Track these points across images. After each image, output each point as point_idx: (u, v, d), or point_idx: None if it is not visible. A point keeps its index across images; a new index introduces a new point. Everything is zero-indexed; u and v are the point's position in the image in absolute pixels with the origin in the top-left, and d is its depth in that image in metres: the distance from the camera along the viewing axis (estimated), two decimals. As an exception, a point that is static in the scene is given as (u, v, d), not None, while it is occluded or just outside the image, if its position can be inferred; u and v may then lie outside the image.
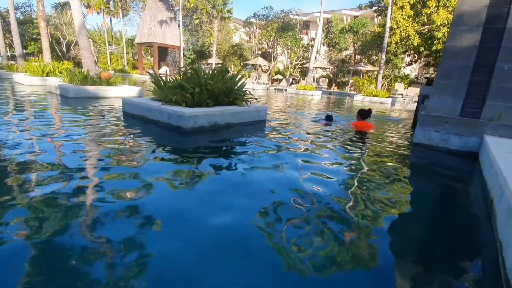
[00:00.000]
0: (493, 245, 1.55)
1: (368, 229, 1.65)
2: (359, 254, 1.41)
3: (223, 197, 1.94)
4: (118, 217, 1.58)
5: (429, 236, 1.69)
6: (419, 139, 3.87)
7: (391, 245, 1.51)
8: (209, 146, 3.37)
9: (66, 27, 32.88)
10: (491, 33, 3.51)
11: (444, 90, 3.82)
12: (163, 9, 24.86)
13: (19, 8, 31.54)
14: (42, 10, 14.10)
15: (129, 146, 3.05)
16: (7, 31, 24.09)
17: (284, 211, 1.78)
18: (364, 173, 2.69)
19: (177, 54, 25.72)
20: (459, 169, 3.29)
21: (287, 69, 28.76)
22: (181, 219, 1.62)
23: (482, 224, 1.88)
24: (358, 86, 21.25)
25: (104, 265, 1.20)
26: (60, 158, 2.48)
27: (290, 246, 1.42)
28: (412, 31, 17.39)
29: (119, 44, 36.51)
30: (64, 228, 1.43)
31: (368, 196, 2.12)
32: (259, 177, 2.36)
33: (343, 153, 3.41)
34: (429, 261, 1.41)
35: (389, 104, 13.25)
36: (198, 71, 4.50)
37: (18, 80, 10.52)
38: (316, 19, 28.26)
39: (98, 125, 4.04)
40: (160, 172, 2.29)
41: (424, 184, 2.71)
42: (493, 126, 3.41)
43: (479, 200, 2.30)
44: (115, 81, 8.70)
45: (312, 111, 8.22)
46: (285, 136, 4.15)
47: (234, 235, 1.48)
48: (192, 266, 1.22)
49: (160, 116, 4.12)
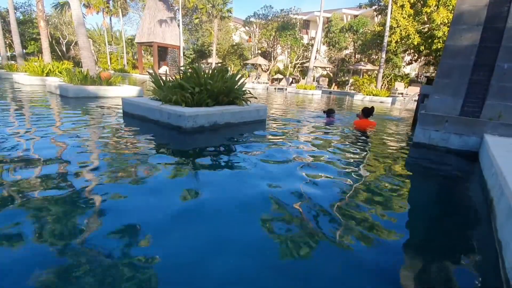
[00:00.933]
0: (493, 245, 1.55)
1: (367, 228, 1.65)
2: (358, 253, 1.41)
3: (223, 197, 1.94)
4: (118, 217, 1.58)
5: (428, 235, 1.69)
6: (419, 138, 3.87)
7: (390, 244, 1.51)
8: (209, 145, 3.37)
9: (66, 26, 32.85)
10: (491, 32, 3.50)
11: (444, 89, 3.82)
12: (163, 8, 24.84)
13: (19, 8, 31.54)
14: (41, 10, 14.09)
15: (129, 146, 3.05)
16: (7, 31, 24.07)
17: (285, 211, 1.78)
18: (364, 173, 2.68)
19: (177, 53, 25.70)
20: (459, 169, 3.29)
21: (287, 69, 28.73)
22: (182, 218, 1.62)
23: (482, 224, 1.88)
24: (358, 85, 21.24)
25: (103, 266, 1.20)
26: (59, 158, 2.48)
27: (291, 245, 1.42)
28: (412, 30, 17.37)
29: (119, 44, 36.49)
30: (64, 228, 1.44)
31: (367, 196, 2.12)
32: (259, 177, 2.35)
33: (343, 152, 3.40)
34: (428, 260, 1.41)
35: (389, 103, 13.24)
36: (198, 70, 4.50)
37: (18, 80, 10.52)
38: (316, 18, 28.21)
39: (98, 125, 4.04)
40: (160, 172, 2.30)
41: (424, 183, 2.71)
42: (493, 125, 3.40)
43: (478, 200, 2.30)
44: (115, 81, 8.70)
45: (312, 109, 8.21)
46: (284, 135, 4.15)
47: (233, 235, 1.49)
48: (193, 266, 1.22)
49: (160, 116, 4.12)
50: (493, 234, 1.65)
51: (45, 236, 1.35)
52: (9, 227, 1.41)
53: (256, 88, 19.00)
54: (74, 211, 1.60)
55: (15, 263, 1.18)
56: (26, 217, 1.51)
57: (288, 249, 1.39)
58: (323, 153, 3.27)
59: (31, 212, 1.56)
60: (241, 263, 1.27)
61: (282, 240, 1.47)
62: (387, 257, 1.40)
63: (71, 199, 1.73)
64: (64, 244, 1.31)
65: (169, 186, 2.06)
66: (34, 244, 1.30)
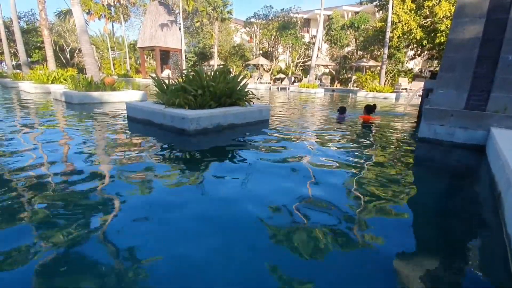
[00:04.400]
0: (501, 239, 1.54)
1: (372, 224, 1.65)
2: (364, 249, 1.40)
3: (229, 198, 1.95)
4: (126, 219, 1.60)
5: (435, 231, 1.68)
6: (424, 134, 3.83)
7: (397, 240, 1.51)
8: (213, 147, 3.38)
9: (69, 34, 33.25)
10: (494, 24, 3.46)
11: (448, 83, 3.78)
12: (164, 12, 25.00)
13: (22, 17, 31.97)
14: (45, 18, 14.28)
15: (134, 150, 3.08)
16: (11, 40, 24.45)
17: (288, 211, 1.78)
18: (369, 169, 2.67)
19: (179, 57, 25.84)
20: (465, 163, 3.26)
21: (289, 68, 28.69)
22: (187, 218, 1.63)
23: (490, 218, 1.86)
24: (361, 82, 21.10)
25: (109, 269, 1.22)
26: (67, 163, 2.52)
27: (296, 244, 1.42)
28: (414, 25, 17.21)
29: (121, 49, 36.82)
30: (72, 232, 1.46)
31: (372, 192, 2.11)
32: (263, 177, 2.36)
33: (348, 150, 3.39)
34: (436, 255, 1.40)
35: (393, 99, 13.13)
36: (200, 73, 4.53)
37: (24, 88, 10.68)
38: (316, 16, 28.13)
39: (103, 130, 4.09)
40: (165, 174, 2.32)
41: (430, 178, 2.69)
42: (499, 118, 3.36)
43: (486, 194, 2.27)
44: (119, 86, 8.78)
45: (315, 108, 8.19)
46: (288, 135, 4.15)
47: (240, 236, 1.50)
48: (201, 266, 1.23)
49: (163, 119, 4.15)
50: (501, 228, 1.63)
51: (53, 240, 1.38)
52: (21, 234, 1.43)
53: (258, 88, 19.01)
54: (78, 214, 1.62)
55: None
56: (30, 222, 1.54)
57: (294, 248, 1.40)
58: (327, 150, 3.26)
59: (32, 212, 1.58)
60: (249, 261, 1.28)
61: (289, 239, 1.47)
62: (393, 253, 1.40)
63: (75, 202, 1.76)
64: (69, 247, 1.33)
65: (174, 188, 2.07)
66: (40, 248, 1.33)
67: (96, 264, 1.24)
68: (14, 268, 1.20)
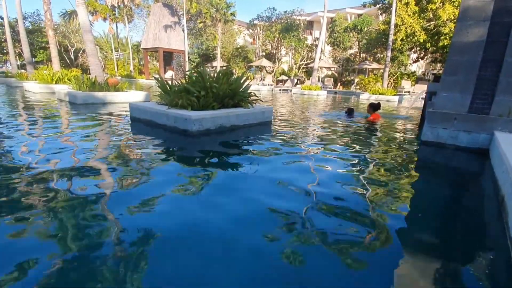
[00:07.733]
0: (505, 242, 1.53)
1: (376, 226, 1.64)
2: (366, 252, 1.40)
3: (231, 200, 1.95)
4: (123, 221, 1.61)
5: (438, 234, 1.67)
6: (427, 137, 3.82)
7: (399, 243, 1.50)
8: (216, 148, 3.39)
9: (74, 35, 33.51)
10: (498, 27, 3.45)
11: (452, 86, 3.77)
12: (168, 14, 25.12)
13: (27, 17, 32.32)
14: (50, 19, 14.39)
15: (137, 150, 3.09)
16: (16, 41, 24.67)
17: (291, 211, 1.79)
18: (372, 172, 2.67)
19: (182, 58, 25.94)
20: (468, 166, 3.24)
21: (291, 70, 28.72)
22: (190, 221, 1.64)
23: (493, 222, 1.85)
24: (364, 85, 21.08)
25: (115, 269, 1.22)
26: (71, 163, 2.53)
27: (297, 245, 1.42)
28: (418, 27, 17.18)
29: (125, 50, 37.05)
30: (76, 233, 1.47)
31: (375, 194, 2.11)
32: (266, 179, 2.36)
33: (351, 152, 3.39)
34: (438, 259, 1.40)
35: (396, 102, 13.10)
36: (203, 74, 4.55)
37: (29, 88, 10.76)
38: (319, 18, 28.15)
39: (106, 130, 4.11)
40: (169, 175, 2.32)
41: (433, 182, 2.68)
42: (503, 122, 3.34)
43: (489, 197, 2.26)
44: (122, 87, 8.83)
45: (317, 110, 8.19)
46: (290, 136, 4.15)
47: (243, 238, 1.50)
48: (202, 275, 1.24)
49: (166, 120, 4.16)
50: (505, 232, 1.62)
51: (60, 242, 1.39)
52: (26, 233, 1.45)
53: (261, 90, 19.04)
54: (81, 217, 1.63)
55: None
56: (30, 218, 1.55)
57: (296, 249, 1.40)
58: (329, 152, 3.26)
59: (34, 213, 1.60)
60: (248, 266, 1.29)
61: (289, 241, 1.47)
62: (396, 255, 1.39)
63: (79, 204, 1.77)
64: (74, 250, 1.34)
65: (177, 189, 2.08)
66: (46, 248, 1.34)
67: (100, 267, 1.24)
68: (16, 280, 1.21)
